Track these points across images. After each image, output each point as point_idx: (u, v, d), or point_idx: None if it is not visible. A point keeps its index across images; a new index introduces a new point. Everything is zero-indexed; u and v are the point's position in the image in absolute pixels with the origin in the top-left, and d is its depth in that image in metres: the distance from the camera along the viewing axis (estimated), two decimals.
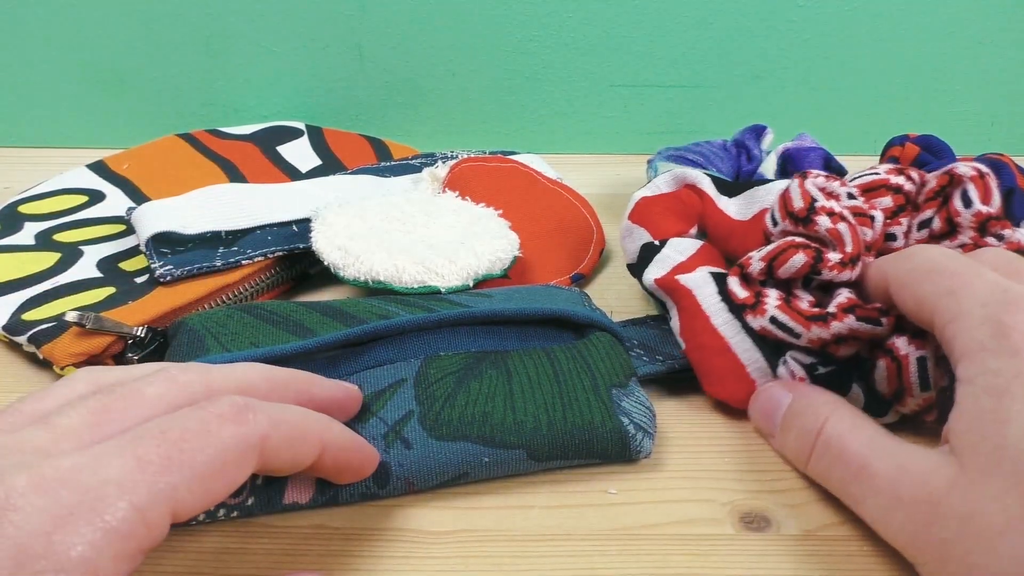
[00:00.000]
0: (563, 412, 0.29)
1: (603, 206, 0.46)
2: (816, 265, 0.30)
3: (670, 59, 0.54)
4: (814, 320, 0.29)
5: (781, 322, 0.30)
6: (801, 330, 0.29)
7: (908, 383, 0.28)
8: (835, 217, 0.30)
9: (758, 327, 0.30)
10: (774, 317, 0.30)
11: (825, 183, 0.32)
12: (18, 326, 0.34)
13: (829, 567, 0.26)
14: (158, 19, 0.52)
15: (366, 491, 0.27)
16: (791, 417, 0.29)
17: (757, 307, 0.31)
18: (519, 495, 0.29)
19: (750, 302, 0.31)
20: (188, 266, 0.37)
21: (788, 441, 0.29)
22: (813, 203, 0.31)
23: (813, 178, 0.32)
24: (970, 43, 0.54)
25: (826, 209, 0.31)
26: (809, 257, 0.30)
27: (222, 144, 0.50)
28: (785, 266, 0.30)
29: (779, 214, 0.32)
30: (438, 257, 0.37)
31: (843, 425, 0.27)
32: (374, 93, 0.55)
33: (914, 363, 0.28)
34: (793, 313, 0.30)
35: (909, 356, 0.28)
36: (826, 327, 0.29)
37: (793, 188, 0.32)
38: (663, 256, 0.35)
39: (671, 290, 0.34)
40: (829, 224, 0.30)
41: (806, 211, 0.31)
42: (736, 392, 0.31)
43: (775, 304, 0.30)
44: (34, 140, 0.56)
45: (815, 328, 0.29)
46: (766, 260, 0.31)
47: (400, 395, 0.29)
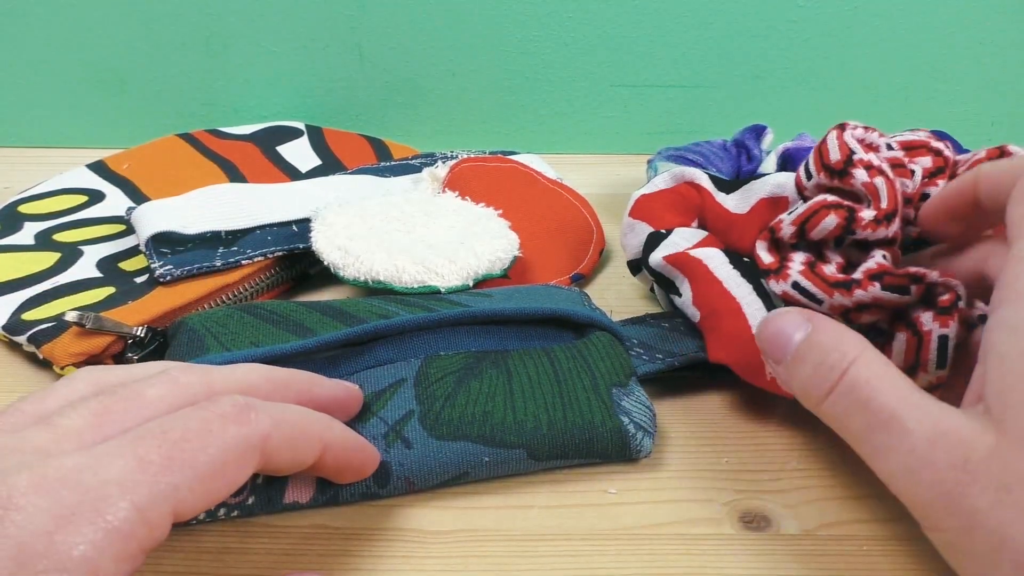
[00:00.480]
0: (563, 412, 0.29)
1: (603, 206, 0.46)
2: (849, 225, 0.29)
3: (670, 59, 0.54)
4: (837, 287, 0.28)
5: (803, 287, 0.29)
6: (823, 296, 0.28)
7: (925, 359, 0.27)
8: (873, 171, 0.29)
9: (780, 291, 0.30)
10: (796, 282, 0.29)
11: (864, 134, 0.32)
12: (18, 326, 0.34)
13: (829, 567, 0.26)
14: (158, 19, 0.52)
15: (366, 491, 0.27)
16: (809, 348, 0.26)
17: (781, 271, 0.30)
18: (519, 495, 0.29)
19: (775, 267, 0.30)
20: (188, 266, 0.37)
21: (799, 372, 0.26)
22: (851, 155, 0.30)
23: (852, 129, 0.31)
24: (970, 43, 0.54)
25: (864, 162, 0.29)
26: (841, 218, 0.29)
27: (222, 144, 0.50)
28: (818, 228, 0.29)
29: (814, 167, 0.31)
30: (438, 257, 0.37)
31: (873, 369, 0.24)
32: (374, 93, 0.55)
33: (935, 340, 0.27)
34: (816, 279, 0.29)
35: (932, 333, 0.27)
36: (848, 295, 0.28)
37: (831, 139, 0.31)
38: (670, 241, 0.36)
39: (682, 264, 0.34)
40: (866, 178, 0.29)
41: (843, 163, 0.30)
42: (740, 355, 0.31)
43: (799, 269, 0.29)
44: (34, 140, 0.56)
45: (837, 295, 0.28)
46: (797, 223, 0.30)
47: (400, 395, 0.29)
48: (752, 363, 0.31)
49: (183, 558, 0.26)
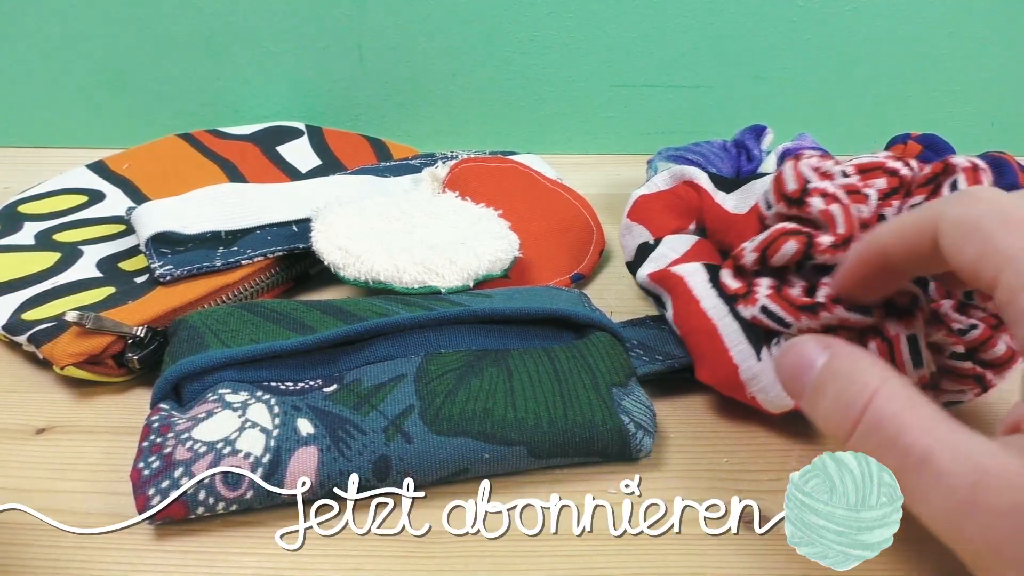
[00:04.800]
0: (564, 410, 0.29)
1: (603, 206, 0.46)
2: (808, 250, 0.30)
3: (670, 59, 0.54)
4: (804, 311, 0.29)
5: (771, 311, 0.30)
6: (791, 320, 0.29)
7: (900, 362, 0.28)
8: (828, 198, 0.30)
9: (749, 316, 0.30)
10: (765, 306, 0.30)
11: (820, 163, 0.32)
12: (18, 326, 0.34)
13: (829, 567, 0.26)
14: (158, 19, 0.52)
15: (366, 484, 0.28)
16: (828, 377, 0.24)
17: (748, 296, 0.31)
18: (519, 494, 0.29)
19: (742, 292, 0.31)
20: (188, 266, 0.37)
21: (821, 406, 0.24)
22: (807, 185, 0.31)
23: (807, 159, 0.32)
24: (970, 43, 0.54)
25: (819, 190, 0.30)
26: (801, 244, 0.30)
27: (222, 144, 0.50)
28: (778, 254, 0.30)
29: (773, 196, 0.32)
30: (438, 257, 0.37)
31: (898, 401, 0.22)
32: (374, 93, 0.55)
33: (904, 342, 0.28)
34: (784, 303, 0.30)
35: (899, 336, 0.28)
36: (816, 318, 0.29)
37: (787, 170, 0.32)
38: (658, 254, 0.36)
39: (664, 280, 0.35)
40: (822, 205, 0.30)
41: (799, 192, 0.31)
42: (721, 375, 0.31)
43: (766, 294, 0.30)
44: (34, 140, 0.56)
45: (804, 319, 0.29)
46: (759, 250, 0.31)
47: (400, 389, 0.29)
48: (731, 381, 0.31)
49: (183, 558, 0.26)
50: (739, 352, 0.31)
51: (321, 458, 0.27)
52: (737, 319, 0.32)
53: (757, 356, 0.31)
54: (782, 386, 0.27)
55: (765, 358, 0.31)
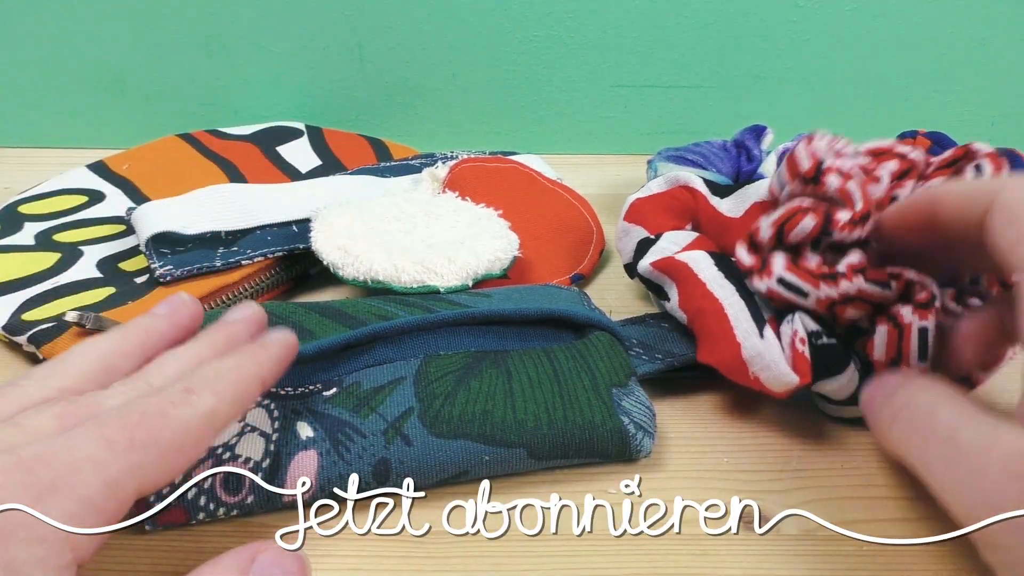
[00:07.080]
0: (563, 411, 0.29)
1: (603, 206, 0.46)
2: (826, 226, 0.30)
3: (670, 59, 0.54)
4: (823, 278, 0.29)
5: (788, 282, 0.30)
6: (809, 288, 0.29)
7: (907, 351, 0.28)
8: (844, 176, 0.30)
9: (765, 289, 0.30)
10: (781, 278, 0.30)
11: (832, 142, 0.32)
12: (18, 326, 0.34)
13: (829, 567, 0.26)
14: (158, 19, 0.52)
15: (366, 487, 0.27)
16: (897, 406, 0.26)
17: (764, 270, 0.30)
18: (519, 494, 0.29)
19: (757, 267, 0.31)
20: (188, 266, 0.37)
21: None
22: (821, 163, 0.31)
23: (819, 138, 0.32)
24: (970, 43, 0.54)
25: (834, 168, 0.30)
26: (819, 219, 0.30)
27: (222, 144, 0.50)
28: (796, 230, 0.30)
29: (786, 176, 0.32)
30: (437, 257, 0.37)
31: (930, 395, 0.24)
32: (374, 93, 0.55)
33: (916, 332, 0.28)
34: (801, 272, 0.29)
35: (912, 325, 0.28)
36: (835, 285, 0.29)
37: (800, 149, 0.31)
38: (659, 247, 0.36)
39: (668, 268, 0.34)
40: (839, 183, 0.30)
41: (814, 171, 0.31)
42: (725, 355, 0.31)
43: (783, 265, 0.30)
44: (34, 140, 0.56)
45: (824, 286, 0.29)
46: (775, 226, 0.31)
47: (400, 392, 0.29)
48: (735, 363, 0.31)
49: (183, 558, 0.26)
50: (743, 331, 0.31)
51: (321, 462, 0.27)
52: (744, 299, 0.31)
53: (760, 334, 0.30)
54: None
55: (768, 336, 0.30)
